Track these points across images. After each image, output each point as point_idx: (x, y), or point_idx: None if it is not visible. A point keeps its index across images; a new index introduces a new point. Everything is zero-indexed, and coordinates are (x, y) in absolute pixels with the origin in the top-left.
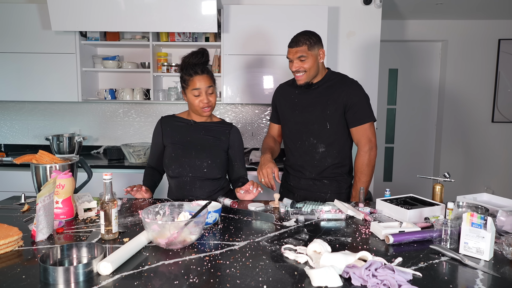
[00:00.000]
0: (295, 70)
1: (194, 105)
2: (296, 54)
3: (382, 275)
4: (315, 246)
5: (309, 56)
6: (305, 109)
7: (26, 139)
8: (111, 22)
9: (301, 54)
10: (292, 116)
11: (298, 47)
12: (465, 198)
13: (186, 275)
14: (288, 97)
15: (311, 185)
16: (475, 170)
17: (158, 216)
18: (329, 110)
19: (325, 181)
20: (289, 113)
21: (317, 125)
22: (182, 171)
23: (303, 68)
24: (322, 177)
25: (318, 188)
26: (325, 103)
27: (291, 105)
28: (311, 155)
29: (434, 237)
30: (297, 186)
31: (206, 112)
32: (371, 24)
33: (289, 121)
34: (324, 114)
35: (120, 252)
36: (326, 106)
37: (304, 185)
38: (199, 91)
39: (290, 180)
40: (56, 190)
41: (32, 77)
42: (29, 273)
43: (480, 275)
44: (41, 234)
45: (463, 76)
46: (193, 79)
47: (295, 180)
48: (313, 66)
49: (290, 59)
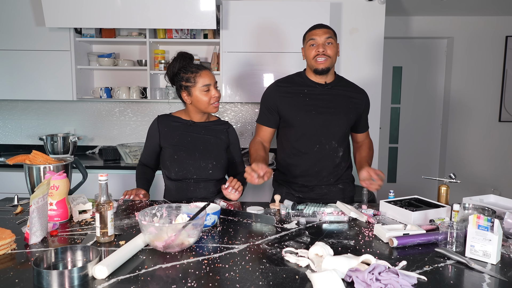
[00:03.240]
0: (319, 53)
1: (204, 102)
2: (324, 34)
3: (386, 279)
4: (317, 249)
5: (335, 41)
6: (325, 111)
7: (19, 139)
8: (107, 19)
9: (330, 35)
10: (307, 117)
11: (326, 28)
12: (471, 200)
13: (184, 279)
14: (295, 96)
15: (326, 193)
16: (482, 171)
17: (155, 218)
18: (351, 114)
19: (340, 186)
20: (303, 114)
21: (339, 128)
22: (186, 173)
23: (328, 53)
24: (338, 181)
25: (334, 194)
26: (347, 106)
27: (302, 104)
28: (332, 159)
29: (440, 240)
30: (310, 196)
31: (217, 107)
32: (374, 21)
33: (303, 123)
34: (347, 117)
35: (116, 256)
36: (348, 109)
37: (319, 193)
38: (209, 87)
39: (298, 192)
40: (50, 192)
41: (25, 75)
42: (22, 277)
43: (486, 279)
44: (35, 236)
45: (469, 74)
46: (200, 74)
47: (307, 190)
48: (335, 55)
49: (315, 41)
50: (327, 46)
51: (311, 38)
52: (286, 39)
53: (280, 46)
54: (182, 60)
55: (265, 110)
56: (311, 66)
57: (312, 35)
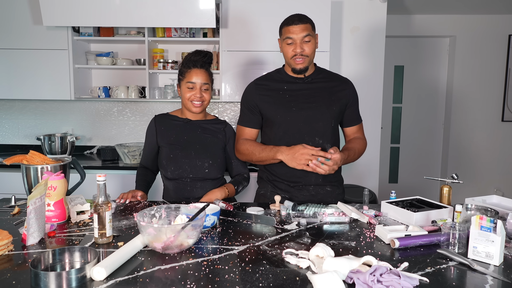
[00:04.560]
0: (297, 53)
1: (185, 98)
2: (301, 32)
3: (387, 281)
4: (318, 251)
5: (312, 37)
6: (305, 106)
7: (16, 139)
8: (105, 17)
9: (307, 33)
10: (288, 114)
11: (303, 24)
12: (474, 201)
13: (183, 281)
14: (275, 93)
15: (313, 195)
16: (485, 171)
17: (154, 219)
18: (334, 107)
19: (328, 188)
20: (283, 111)
21: (322, 122)
22: (182, 172)
23: (306, 52)
24: (326, 182)
25: (322, 196)
26: (329, 98)
27: (282, 101)
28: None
29: (442, 241)
30: (296, 197)
31: (196, 108)
32: (376, 19)
33: (284, 120)
34: (330, 111)
35: (114, 257)
36: (331, 102)
37: (307, 195)
38: (194, 85)
39: (284, 191)
40: (48, 192)
41: (23, 74)
42: (19, 279)
43: (489, 280)
44: (32, 238)
45: (471, 73)
46: (190, 71)
47: (294, 190)
48: (314, 51)
49: (292, 39)
50: (305, 44)
51: (287, 36)
52: None
53: None
54: (194, 55)
55: (246, 110)
56: (289, 64)
57: (288, 32)
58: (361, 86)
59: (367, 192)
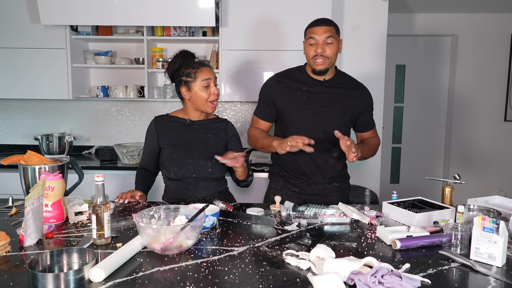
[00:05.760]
0: (318, 54)
1: (202, 98)
2: (324, 33)
3: (389, 282)
4: (318, 252)
5: (336, 40)
6: (320, 110)
7: (13, 139)
8: (104, 16)
9: (330, 34)
10: (303, 116)
11: (327, 26)
12: (476, 201)
13: (182, 282)
14: (293, 93)
15: (322, 190)
16: (487, 172)
17: (153, 220)
18: (348, 114)
19: (336, 184)
20: (298, 112)
21: (334, 128)
22: (185, 172)
23: (327, 54)
24: (334, 179)
25: (329, 191)
26: (344, 105)
27: (298, 102)
28: (325, 160)
29: (444, 242)
30: (306, 192)
31: (215, 106)
32: (377, 18)
33: (298, 121)
34: (343, 117)
35: (113, 258)
36: (345, 109)
37: (315, 190)
38: (208, 82)
39: (294, 186)
40: (46, 193)
41: (20, 73)
42: (17, 280)
43: (492, 282)
44: (30, 239)
45: (474, 72)
46: (201, 70)
47: (303, 185)
48: (336, 54)
49: (315, 40)
50: (327, 46)
51: (310, 36)
52: (287, 37)
53: (281, 44)
54: (184, 57)
55: (263, 103)
56: (310, 64)
57: (312, 33)
58: None
59: (368, 192)
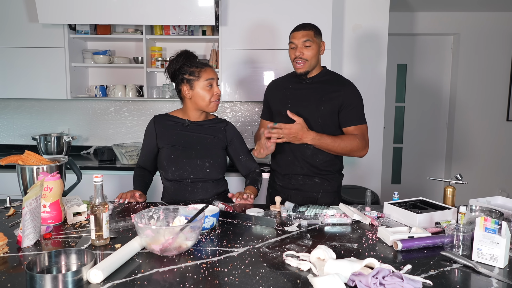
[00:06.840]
0: (297, 56)
1: (205, 98)
2: (302, 37)
3: (390, 284)
4: (319, 253)
5: (314, 43)
6: (298, 104)
7: (11, 139)
8: (102, 15)
9: (307, 38)
10: (283, 110)
11: (305, 30)
12: (478, 202)
13: (181, 283)
14: (280, 91)
15: (302, 185)
16: (489, 172)
17: (152, 221)
18: (323, 106)
19: (317, 180)
20: (280, 107)
21: (309, 121)
22: (183, 173)
23: (306, 56)
24: (314, 174)
25: (309, 187)
26: (320, 99)
27: (282, 99)
28: (302, 150)
29: (446, 243)
30: (287, 186)
31: (217, 106)
32: (378, 17)
33: (280, 115)
34: (318, 110)
35: (111, 259)
36: (320, 102)
37: (295, 184)
38: (211, 82)
39: (279, 179)
40: (44, 193)
41: (18, 73)
42: (14, 281)
43: (494, 283)
44: (28, 239)
45: (476, 71)
46: (205, 69)
47: (285, 180)
48: (315, 56)
49: (294, 44)
50: (305, 49)
51: (291, 41)
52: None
53: (281, 43)
54: (186, 57)
55: (264, 105)
56: (293, 66)
57: (292, 38)
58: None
59: (369, 193)
